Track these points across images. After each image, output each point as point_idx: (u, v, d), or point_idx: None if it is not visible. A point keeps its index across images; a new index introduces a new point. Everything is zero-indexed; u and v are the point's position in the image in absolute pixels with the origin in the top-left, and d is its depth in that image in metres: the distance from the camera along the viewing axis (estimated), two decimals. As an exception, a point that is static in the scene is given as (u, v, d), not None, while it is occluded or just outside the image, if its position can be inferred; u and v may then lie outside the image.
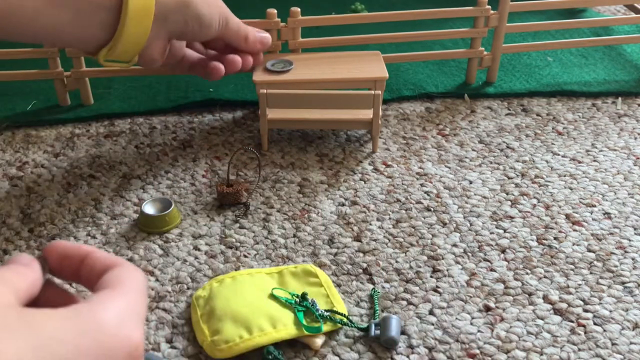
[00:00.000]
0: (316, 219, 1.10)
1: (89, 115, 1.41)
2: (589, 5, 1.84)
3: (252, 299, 0.89)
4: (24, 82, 1.49)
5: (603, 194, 1.17)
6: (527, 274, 0.98)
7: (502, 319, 0.90)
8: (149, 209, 1.08)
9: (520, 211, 1.12)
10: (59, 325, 0.24)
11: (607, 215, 1.11)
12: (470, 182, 1.20)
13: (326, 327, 0.86)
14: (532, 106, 1.47)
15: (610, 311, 0.91)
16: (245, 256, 1.02)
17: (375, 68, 1.33)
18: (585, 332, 0.88)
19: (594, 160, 1.27)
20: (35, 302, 0.28)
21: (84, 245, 0.31)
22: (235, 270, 0.99)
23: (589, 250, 1.03)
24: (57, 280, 0.33)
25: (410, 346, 0.86)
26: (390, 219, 1.10)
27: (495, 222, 1.09)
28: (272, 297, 0.90)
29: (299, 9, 1.37)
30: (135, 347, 0.26)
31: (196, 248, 1.04)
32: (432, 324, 0.89)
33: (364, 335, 0.87)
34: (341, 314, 0.87)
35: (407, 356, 0.85)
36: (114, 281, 0.30)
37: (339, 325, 0.87)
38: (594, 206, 1.13)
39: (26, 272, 0.28)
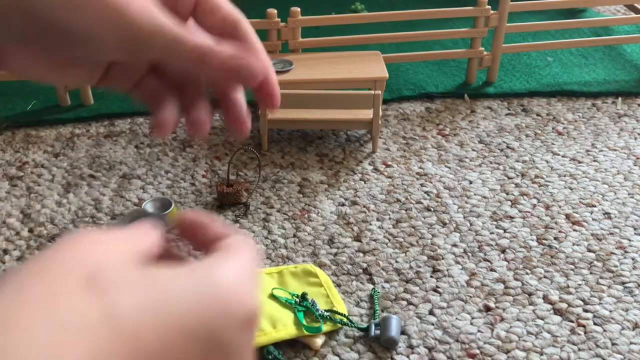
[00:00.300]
0: (316, 219, 1.10)
1: (89, 115, 1.41)
2: (589, 5, 1.84)
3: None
4: (24, 82, 1.49)
5: (603, 194, 1.17)
6: (527, 274, 0.98)
7: (502, 319, 0.90)
8: (149, 208, 1.08)
9: (520, 211, 1.12)
10: (178, 281, 0.24)
11: (607, 215, 1.11)
12: (470, 182, 1.20)
13: (326, 327, 0.86)
14: (532, 106, 1.47)
15: (610, 311, 0.92)
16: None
17: (375, 68, 1.33)
18: (585, 332, 0.88)
19: (594, 160, 1.27)
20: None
21: (202, 213, 0.31)
22: (235, 270, 0.99)
23: (589, 250, 1.03)
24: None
25: (410, 346, 0.86)
26: (390, 219, 1.10)
27: (495, 222, 1.09)
28: (272, 297, 0.90)
29: (299, 9, 1.37)
30: (251, 312, 0.25)
31: (196, 248, 1.04)
32: (432, 324, 0.89)
33: (364, 335, 0.87)
34: (341, 314, 0.87)
35: (407, 356, 0.85)
36: (229, 246, 0.29)
37: (339, 325, 0.87)
38: (594, 206, 1.13)
39: (149, 233, 0.29)
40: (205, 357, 0.23)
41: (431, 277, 0.97)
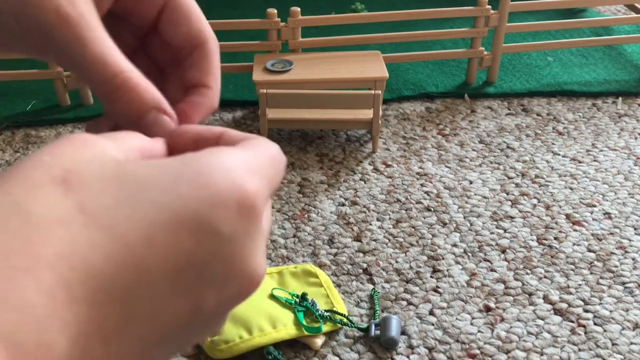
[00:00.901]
0: (316, 219, 1.10)
1: (89, 115, 1.41)
2: (589, 5, 1.84)
3: (252, 299, 0.89)
4: (23, 82, 1.49)
5: (603, 194, 1.16)
6: (527, 274, 0.98)
7: (503, 319, 0.90)
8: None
9: (520, 211, 1.12)
10: (160, 172, 0.22)
11: (608, 215, 1.11)
12: (471, 182, 1.20)
13: (326, 327, 0.86)
14: (533, 106, 1.47)
15: (611, 311, 0.91)
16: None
17: (375, 68, 1.33)
18: (585, 332, 0.88)
19: (594, 160, 1.27)
20: None
21: (215, 126, 0.28)
22: (235, 270, 0.98)
23: (589, 250, 1.03)
24: None
25: (411, 346, 0.86)
26: (390, 219, 1.10)
27: (495, 222, 1.09)
28: (272, 297, 0.90)
29: (299, 9, 1.36)
30: (247, 196, 0.22)
31: (196, 248, 1.04)
32: (432, 324, 0.89)
33: (364, 336, 0.87)
34: (341, 314, 0.87)
35: (407, 356, 0.85)
36: (243, 143, 0.25)
37: (339, 325, 0.87)
38: (594, 206, 1.13)
39: (142, 135, 0.26)
40: (197, 246, 0.21)
41: (431, 277, 0.97)
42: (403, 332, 0.87)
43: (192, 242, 0.21)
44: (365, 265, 0.99)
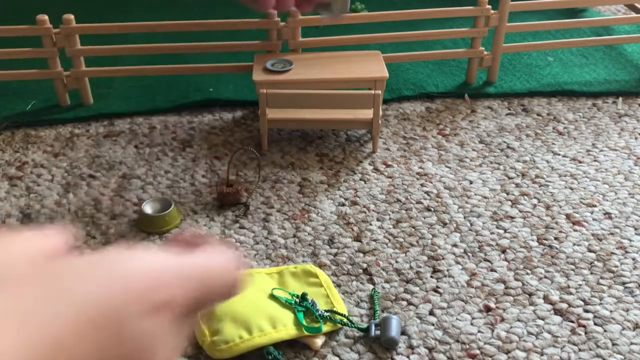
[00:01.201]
0: (316, 219, 1.09)
1: (89, 115, 1.41)
2: (589, 5, 1.84)
3: (252, 299, 0.89)
4: (23, 82, 1.49)
5: (603, 194, 1.16)
6: (527, 274, 0.98)
7: (503, 319, 0.90)
8: (149, 209, 1.08)
9: (520, 211, 1.12)
10: (86, 272, 0.24)
11: (608, 215, 1.11)
12: (471, 182, 1.20)
13: (326, 327, 0.86)
14: (533, 106, 1.47)
15: (611, 311, 0.91)
16: (245, 256, 1.02)
17: (375, 68, 1.33)
18: (585, 333, 0.88)
19: (595, 160, 1.27)
20: None
21: (206, 235, 0.30)
22: (235, 270, 0.98)
23: (590, 251, 1.03)
24: None
25: (411, 346, 0.86)
26: (390, 219, 1.10)
27: (495, 222, 1.09)
28: (272, 297, 0.89)
29: (299, 9, 1.36)
30: (161, 298, 0.24)
31: (196, 248, 1.04)
32: (433, 325, 0.89)
33: (364, 336, 0.87)
34: (341, 314, 0.87)
35: (407, 356, 0.85)
36: (201, 249, 0.27)
37: (339, 325, 0.87)
38: (595, 206, 1.13)
39: (54, 234, 0.28)
40: (99, 343, 0.22)
41: (431, 277, 0.97)
42: (403, 332, 0.87)
43: (97, 338, 0.23)
44: (365, 265, 0.99)
